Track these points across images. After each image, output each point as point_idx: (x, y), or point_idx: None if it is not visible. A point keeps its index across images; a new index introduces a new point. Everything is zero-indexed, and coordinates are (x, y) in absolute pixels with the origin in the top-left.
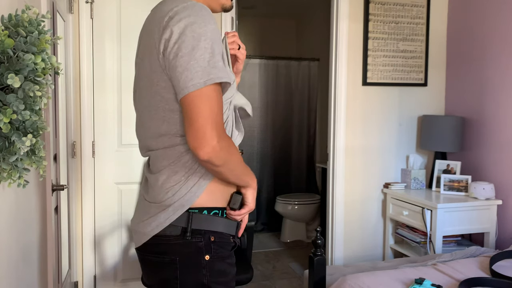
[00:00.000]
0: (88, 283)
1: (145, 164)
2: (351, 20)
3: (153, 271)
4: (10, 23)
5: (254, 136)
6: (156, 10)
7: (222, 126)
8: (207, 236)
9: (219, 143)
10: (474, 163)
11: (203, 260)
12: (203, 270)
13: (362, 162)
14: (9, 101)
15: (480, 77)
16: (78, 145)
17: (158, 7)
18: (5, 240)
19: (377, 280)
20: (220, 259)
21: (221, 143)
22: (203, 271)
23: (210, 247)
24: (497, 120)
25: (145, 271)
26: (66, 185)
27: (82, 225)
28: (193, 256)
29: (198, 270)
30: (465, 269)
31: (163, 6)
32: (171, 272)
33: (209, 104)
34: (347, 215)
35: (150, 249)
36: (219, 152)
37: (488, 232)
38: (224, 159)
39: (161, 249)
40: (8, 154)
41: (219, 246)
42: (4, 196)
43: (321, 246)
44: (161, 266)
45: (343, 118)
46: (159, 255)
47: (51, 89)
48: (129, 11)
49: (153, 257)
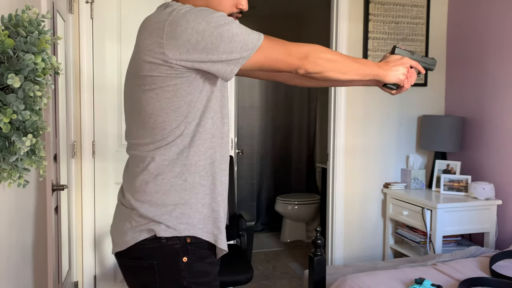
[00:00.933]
0: (88, 283)
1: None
2: (351, 20)
3: (133, 276)
4: (10, 23)
5: (254, 136)
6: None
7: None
8: (183, 238)
9: (304, 60)
10: (474, 163)
11: (180, 262)
12: (181, 272)
13: (362, 162)
14: (9, 101)
15: (480, 77)
16: (78, 145)
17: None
18: (5, 240)
19: (377, 280)
20: (199, 259)
21: (307, 59)
22: (182, 273)
23: (186, 248)
24: (497, 120)
25: (126, 277)
26: (66, 185)
27: (82, 225)
28: (170, 259)
29: (177, 273)
30: (465, 269)
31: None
32: (150, 276)
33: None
34: (347, 215)
35: (126, 254)
36: (309, 65)
37: (488, 232)
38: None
39: (138, 254)
40: (8, 154)
41: (197, 247)
42: (4, 196)
43: (321, 246)
44: (139, 271)
45: (343, 118)
46: (137, 260)
47: (51, 89)
48: (129, 11)
49: (131, 262)
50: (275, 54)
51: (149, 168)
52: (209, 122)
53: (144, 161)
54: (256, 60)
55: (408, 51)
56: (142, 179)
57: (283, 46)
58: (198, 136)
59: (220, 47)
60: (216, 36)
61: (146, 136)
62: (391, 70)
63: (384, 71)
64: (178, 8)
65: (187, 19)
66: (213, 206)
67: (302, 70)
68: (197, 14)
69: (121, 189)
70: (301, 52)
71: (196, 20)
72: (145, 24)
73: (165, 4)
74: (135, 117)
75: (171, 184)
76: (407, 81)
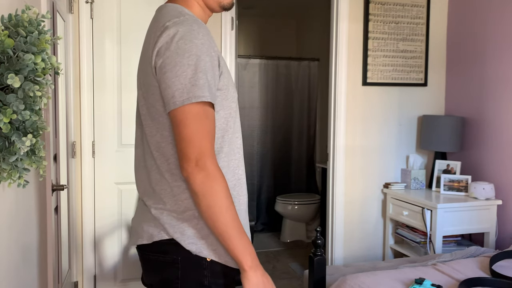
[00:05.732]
0: (88, 283)
1: None
2: (351, 20)
3: (154, 270)
4: (10, 23)
5: (254, 136)
6: (155, 20)
7: (208, 149)
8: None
9: (197, 169)
10: (474, 163)
11: (204, 261)
12: (204, 271)
13: (362, 162)
14: (9, 101)
15: (480, 77)
16: (78, 145)
17: (157, 16)
18: (5, 240)
19: (377, 280)
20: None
21: (200, 172)
22: (204, 272)
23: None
24: (497, 120)
25: (146, 270)
26: (66, 185)
27: (82, 225)
28: (195, 256)
29: (199, 271)
30: (465, 269)
31: (160, 17)
32: (172, 271)
33: (192, 125)
34: (347, 215)
35: (151, 248)
36: (196, 178)
37: (488, 232)
38: (203, 190)
39: (163, 248)
40: (8, 154)
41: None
42: (4, 196)
43: (321, 246)
44: (163, 266)
45: (343, 118)
46: (161, 254)
47: (51, 89)
48: (129, 11)
49: (155, 256)
50: (190, 129)
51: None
52: (219, 141)
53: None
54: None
55: None
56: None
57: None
58: (224, 152)
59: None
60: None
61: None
62: (258, 270)
63: (252, 265)
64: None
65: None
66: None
67: (185, 173)
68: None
69: (145, 187)
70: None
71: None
72: (151, 37)
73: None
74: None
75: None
76: None
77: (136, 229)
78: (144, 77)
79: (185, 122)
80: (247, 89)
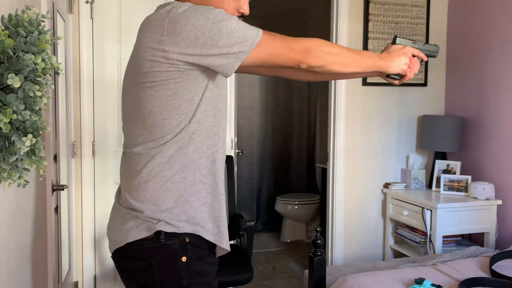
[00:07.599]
0: (88, 283)
1: None
2: (351, 20)
3: (130, 277)
4: (10, 23)
5: (254, 136)
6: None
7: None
8: (182, 238)
9: (308, 55)
10: (474, 163)
11: (180, 262)
12: (181, 272)
13: (362, 162)
14: (9, 101)
15: (480, 77)
16: (78, 145)
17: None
18: (5, 240)
19: (377, 280)
20: (198, 259)
21: (309, 53)
22: (181, 273)
23: (186, 248)
24: (497, 120)
25: (123, 278)
26: (66, 185)
27: (82, 225)
28: (169, 259)
29: (176, 273)
30: (465, 269)
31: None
32: (149, 276)
33: (276, 41)
34: (347, 215)
35: (125, 255)
36: (310, 60)
37: (488, 232)
38: (321, 60)
39: (137, 254)
40: (8, 154)
41: (195, 247)
42: (4, 196)
43: (321, 246)
44: (138, 272)
45: (343, 118)
46: (135, 260)
47: (51, 89)
48: (129, 11)
49: (129, 263)
50: (276, 49)
51: (148, 166)
52: (210, 120)
53: (143, 159)
54: (258, 56)
55: (410, 40)
56: (141, 177)
57: (284, 41)
58: (197, 134)
59: (220, 42)
60: (215, 32)
61: (145, 134)
62: (393, 60)
63: (387, 62)
64: (177, 6)
65: (186, 15)
66: (214, 205)
67: (304, 65)
68: (196, 11)
69: (118, 189)
70: (303, 47)
71: (195, 16)
72: (145, 23)
73: (165, 4)
74: (134, 115)
75: (171, 181)
76: (410, 70)
77: (111, 236)
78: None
79: (272, 45)
80: (247, 89)
